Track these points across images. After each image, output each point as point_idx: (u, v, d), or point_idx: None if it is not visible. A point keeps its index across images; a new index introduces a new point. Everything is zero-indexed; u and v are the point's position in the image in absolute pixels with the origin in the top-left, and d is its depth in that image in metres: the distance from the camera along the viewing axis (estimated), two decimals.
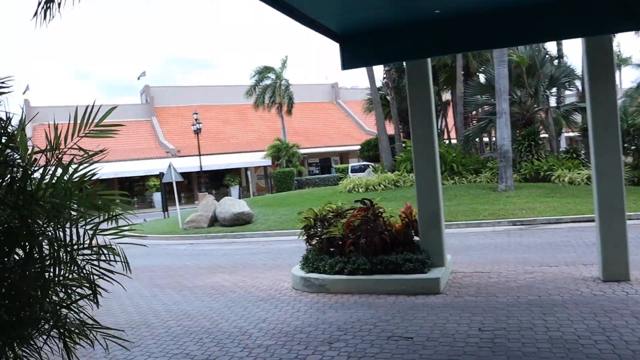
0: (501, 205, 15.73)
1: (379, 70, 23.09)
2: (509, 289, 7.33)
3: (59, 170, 3.15)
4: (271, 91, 45.24)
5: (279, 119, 48.02)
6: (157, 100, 54.06)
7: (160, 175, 23.82)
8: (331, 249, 8.47)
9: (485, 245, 11.41)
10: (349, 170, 41.83)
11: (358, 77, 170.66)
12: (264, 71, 45.77)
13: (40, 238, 3.14)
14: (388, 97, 23.84)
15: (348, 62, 8.16)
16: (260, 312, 7.23)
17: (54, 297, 3.35)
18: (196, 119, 38.18)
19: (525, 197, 16.46)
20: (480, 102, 22.20)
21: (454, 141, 26.00)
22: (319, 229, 8.68)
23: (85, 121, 3.50)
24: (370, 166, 25.97)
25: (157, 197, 39.26)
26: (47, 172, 3.09)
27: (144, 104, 55.13)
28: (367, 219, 8.00)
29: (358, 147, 50.76)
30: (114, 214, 3.47)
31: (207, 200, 18.81)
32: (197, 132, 38.43)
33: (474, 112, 25.55)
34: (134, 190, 42.94)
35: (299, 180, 41.90)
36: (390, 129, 25.21)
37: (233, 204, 17.64)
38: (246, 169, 45.29)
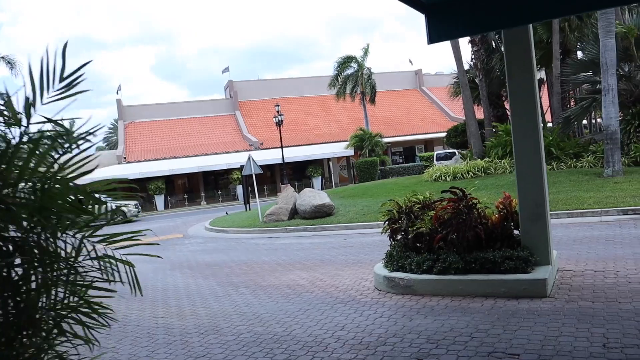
0: (608, 192, 14.04)
1: (466, 52, 21.65)
2: (634, 292, 6.11)
3: None
4: (353, 80, 44.38)
5: (362, 109, 47.10)
6: (240, 95, 54.70)
7: (242, 168, 23.58)
8: (417, 245, 7.54)
9: (592, 238, 10.01)
10: (434, 158, 40.30)
11: (443, 63, 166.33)
12: (346, 61, 44.95)
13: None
14: (476, 80, 22.30)
15: (436, 34, 7.12)
16: (338, 317, 6.44)
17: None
18: (278, 111, 37.99)
19: (636, 182, 14.64)
20: (581, 79, 20.19)
21: (549, 124, 24.03)
22: (404, 223, 7.76)
23: None
24: (457, 153, 24.49)
25: (240, 189, 39.54)
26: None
27: (228, 99, 55.95)
28: (459, 211, 6.99)
29: (443, 135, 48.84)
30: (106, 217, 2.64)
31: (288, 192, 18.28)
32: (279, 124, 38.25)
33: (571, 92, 23.48)
34: (218, 183, 43.53)
35: (383, 169, 40.88)
36: (479, 113, 23.66)
37: (313, 195, 16.99)
38: (328, 159, 44.75)
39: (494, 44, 23.92)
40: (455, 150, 41.82)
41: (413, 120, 55.97)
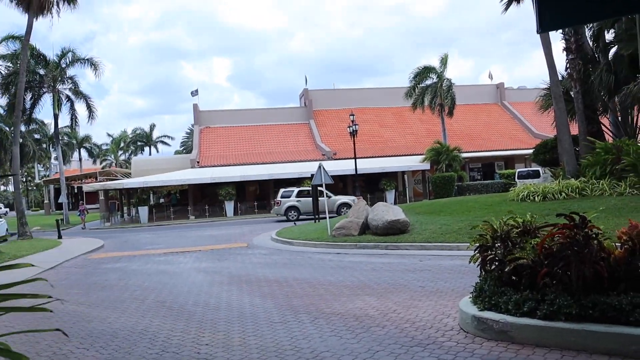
0: None
1: (560, 61, 19.69)
2: None
3: None
4: (432, 92, 42.70)
5: (439, 121, 45.30)
6: (315, 104, 54.17)
7: (312, 177, 22.59)
8: (514, 279, 6.15)
9: None
10: (516, 176, 37.95)
11: (526, 77, 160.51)
12: (423, 72, 43.39)
13: None
14: (571, 92, 20.30)
15: (548, 21, 5.69)
16: None
17: None
18: (352, 120, 36.91)
19: None
20: None
21: None
22: (500, 251, 6.38)
23: None
24: (547, 171, 22.40)
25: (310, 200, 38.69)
26: None
27: (302, 107, 55.55)
28: (574, 242, 5.55)
29: (525, 152, 46.31)
30: None
31: (359, 205, 17.07)
32: (353, 134, 37.14)
33: None
34: None
35: (460, 185, 38.97)
36: (572, 129, 21.57)
37: (387, 210, 15.68)
38: (403, 172, 43.13)
39: (591, 52, 21.81)
40: (539, 169, 39.22)
41: (493, 135, 53.43)
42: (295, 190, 32.36)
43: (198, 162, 44.55)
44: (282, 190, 32.69)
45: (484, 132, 54.05)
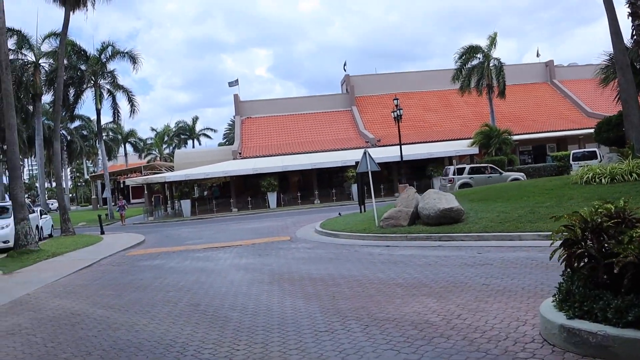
0: None
1: (625, 26, 17.91)
2: None
3: None
4: (479, 73, 40.80)
5: (485, 104, 43.45)
6: (357, 90, 52.99)
7: (356, 165, 21.54)
8: (608, 281, 5.00)
9: None
10: (570, 158, 35.92)
11: (571, 56, 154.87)
12: (469, 51, 41.50)
13: None
14: (635, 63, 18.52)
15: None
16: None
17: None
18: (396, 105, 35.62)
19: None
20: None
21: None
22: (590, 244, 5.23)
23: None
24: (610, 151, 20.58)
25: (354, 188, 37.57)
26: None
27: (344, 94, 54.45)
28: None
29: (578, 132, 44.08)
30: None
31: (408, 193, 15.93)
32: (398, 118, 35.88)
33: None
34: (332, 181, 41.94)
35: (510, 170, 37.13)
36: None
37: (439, 198, 14.49)
38: (450, 158, 41.53)
39: None
40: (595, 149, 37.06)
41: (543, 116, 51.06)
42: (467, 167, 32.80)
43: (240, 154, 44.04)
44: (452, 167, 33.29)
45: (534, 113, 51.74)
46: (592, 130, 45.30)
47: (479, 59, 41.33)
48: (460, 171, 32.11)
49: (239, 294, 8.90)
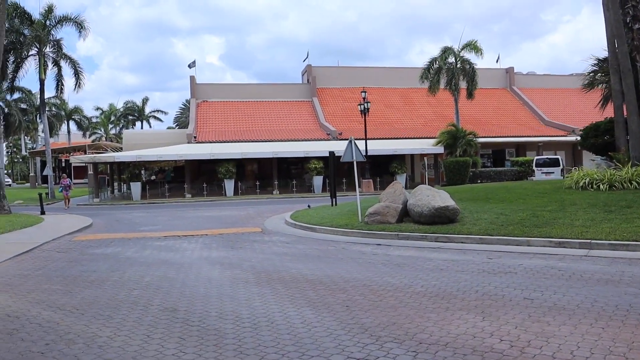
0: None
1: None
2: None
3: None
4: (450, 74, 40.03)
5: (447, 104, 42.90)
6: (318, 81, 51.36)
7: (330, 155, 20.05)
8: None
9: None
10: (533, 164, 35.65)
11: (535, 62, 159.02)
12: (445, 51, 40.67)
13: None
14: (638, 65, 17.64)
15: None
16: None
17: None
18: (364, 98, 34.36)
19: None
20: None
21: None
22: None
23: None
24: (600, 159, 19.83)
25: (317, 181, 36.11)
26: None
27: (305, 84, 52.86)
28: None
29: (536, 139, 44.34)
30: None
31: (395, 187, 14.55)
32: (364, 112, 34.64)
33: None
34: (292, 172, 40.34)
35: (473, 172, 36.52)
36: (609, 112, 18.98)
37: (433, 195, 13.13)
38: (412, 156, 40.49)
39: None
40: (558, 157, 36.94)
41: (503, 121, 51.05)
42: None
43: (195, 138, 41.79)
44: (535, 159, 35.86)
45: (494, 117, 51.63)
46: (550, 138, 46.09)
47: (449, 60, 40.68)
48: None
49: (224, 297, 7.25)
